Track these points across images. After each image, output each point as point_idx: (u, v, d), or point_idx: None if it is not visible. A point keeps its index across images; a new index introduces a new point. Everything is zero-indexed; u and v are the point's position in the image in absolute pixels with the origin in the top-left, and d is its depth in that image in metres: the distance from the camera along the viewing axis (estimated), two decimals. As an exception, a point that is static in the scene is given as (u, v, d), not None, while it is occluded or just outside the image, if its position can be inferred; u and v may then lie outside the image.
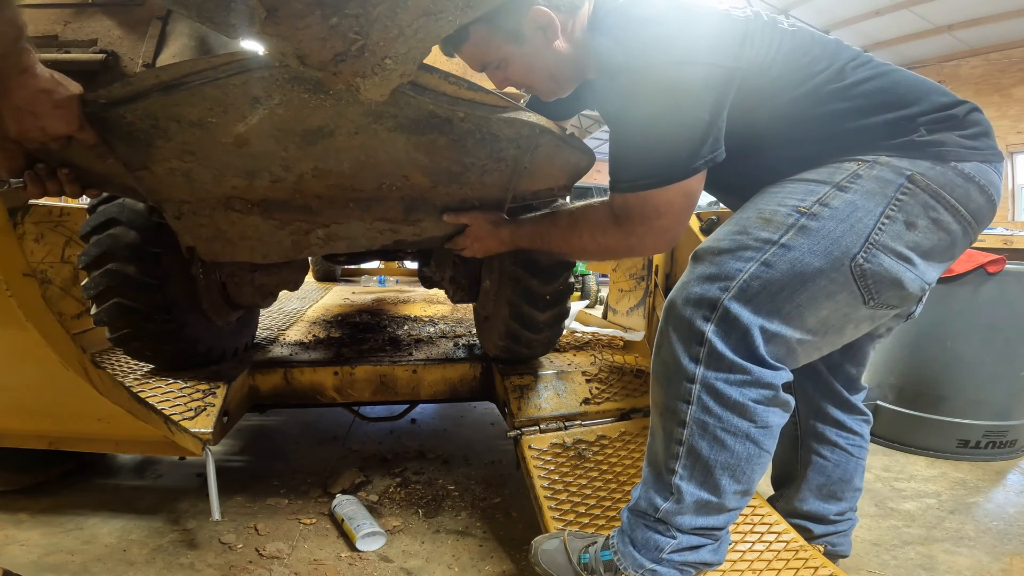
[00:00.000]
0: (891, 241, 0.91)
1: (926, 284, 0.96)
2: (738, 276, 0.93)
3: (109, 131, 0.92)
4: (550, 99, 1.17)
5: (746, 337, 0.92)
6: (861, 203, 0.92)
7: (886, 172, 0.93)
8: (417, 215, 1.25)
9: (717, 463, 0.94)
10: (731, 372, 0.92)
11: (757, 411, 0.93)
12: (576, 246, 1.18)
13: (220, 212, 1.17)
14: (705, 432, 0.94)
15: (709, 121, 0.94)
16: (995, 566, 1.46)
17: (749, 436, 0.94)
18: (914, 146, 0.94)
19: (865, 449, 1.31)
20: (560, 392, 1.67)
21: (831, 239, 0.91)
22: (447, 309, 2.95)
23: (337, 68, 0.77)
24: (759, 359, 0.93)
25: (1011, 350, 2.13)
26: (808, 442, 1.31)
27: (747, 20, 0.98)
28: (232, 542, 1.43)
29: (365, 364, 1.76)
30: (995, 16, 7.27)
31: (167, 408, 1.45)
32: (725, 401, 0.93)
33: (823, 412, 1.29)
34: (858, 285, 0.93)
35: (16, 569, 1.22)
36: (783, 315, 0.93)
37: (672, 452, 0.98)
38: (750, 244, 0.95)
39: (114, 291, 1.42)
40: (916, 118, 0.95)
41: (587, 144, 1.16)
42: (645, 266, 2.12)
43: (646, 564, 0.99)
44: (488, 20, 1.00)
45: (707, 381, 0.93)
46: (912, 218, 0.92)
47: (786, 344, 0.95)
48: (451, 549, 1.44)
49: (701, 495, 0.96)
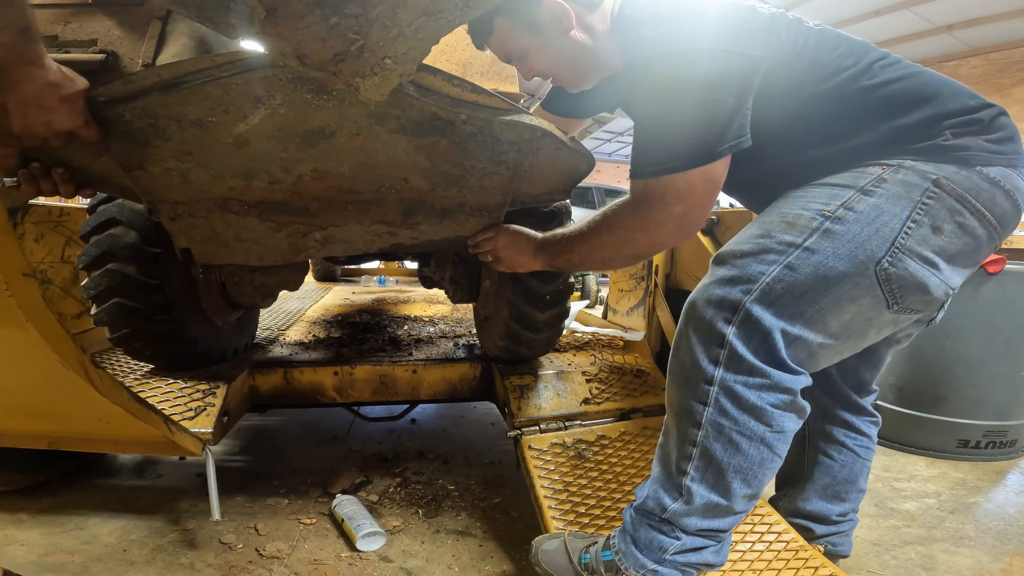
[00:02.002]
0: (917, 245, 0.91)
1: (950, 289, 0.95)
2: (760, 279, 0.92)
3: (107, 129, 0.92)
4: (575, 90, 1.18)
5: (767, 340, 0.92)
6: (887, 207, 0.91)
7: (912, 176, 0.92)
8: (416, 218, 1.24)
9: (730, 466, 0.94)
10: (750, 375, 0.92)
11: (774, 415, 0.93)
12: (599, 250, 1.13)
13: (216, 214, 1.16)
14: (720, 434, 0.94)
15: (735, 106, 0.92)
16: (995, 566, 1.46)
17: (764, 440, 0.94)
18: (939, 150, 0.93)
19: (872, 451, 1.31)
20: (560, 392, 1.67)
21: (856, 243, 0.91)
22: (447, 309, 2.95)
23: (337, 68, 0.77)
24: (780, 363, 0.93)
25: (1011, 350, 2.13)
26: (816, 442, 1.31)
27: (772, 15, 0.97)
28: (232, 542, 1.43)
29: (365, 364, 1.76)
30: (995, 16, 7.26)
31: (167, 408, 1.45)
32: (743, 404, 0.92)
33: (831, 413, 1.29)
34: (882, 289, 0.92)
35: (16, 569, 1.22)
36: (805, 319, 0.93)
37: (685, 453, 0.98)
38: (773, 247, 0.94)
39: (114, 291, 1.42)
40: (942, 121, 0.94)
41: (586, 146, 1.16)
42: (645, 266, 2.12)
43: (648, 564, 0.99)
44: (508, 12, 1.05)
45: (726, 383, 0.92)
46: (938, 222, 0.91)
47: (807, 348, 0.95)
48: (451, 549, 1.44)
49: (711, 497, 0.96)
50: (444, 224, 1.26)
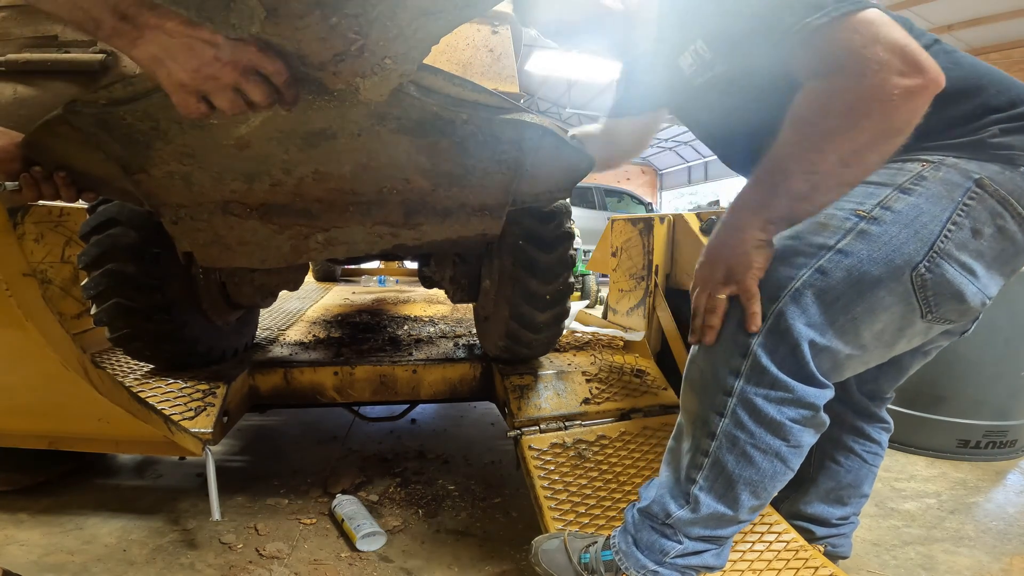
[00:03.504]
0: (956, 250, 0.84)
1: (987, 298, 0.89)
2: (790, 284, 0.86)
3: (108, 133, 0.92)
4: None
5: (795, 352, 0.86)
6: (926, 207, 0.84)
7: (953, 175, 0.86)
8: (417, 219, 1.24)
9: (741, 478, 0.91)
10: (772, 388, 0.86)
11: (792, 430, 0.88)
12: (816, 149, 0.80)
13: (218, 217, 1.15)
14: (734, 447, 0.90)
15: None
16: (995, 566, 1.46)
17: (779, 455, 0.90)
18: (983, 147, 0.86)
19: (880, 457, 1.27)
20: (560, 392, 1.67)
21: (893, 245, 0.84)
22: (447, 309, 2.95)
23: (337, 68, 0.77)
24: (807, 376, 0.87)
25: (1011, 350, 2.13)
26: (824, 446, 1.27)
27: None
28: (232, 542, 1.43)
29: (365, 364, 1.76)
30: (995, 16, 7.26)
31: (167, 408, 1.45)
32: (761, 418, 0.87)
33: (844, 419, 1.25)
34: (917, 297, 0.85)
35: (16, 569, 1.22)
36: (837, 328, 0.86)
37: (696, 462, 0.95)
38: (803, 250, 0.87)
39: (114, 291, 1.42)
40: (987, 115, 0.87)
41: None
42: (645, 266, 2.12)
43: (648, 565, 0.99)
44: None
45: (745, 396, 0.88)
46: (979, 225, 0.84)
47: (834, 359, 0.89)
48: (451, 549, 1.44)
49: (718, 508, 0.94)
50: (446, 224, 1.26)
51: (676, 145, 17.68)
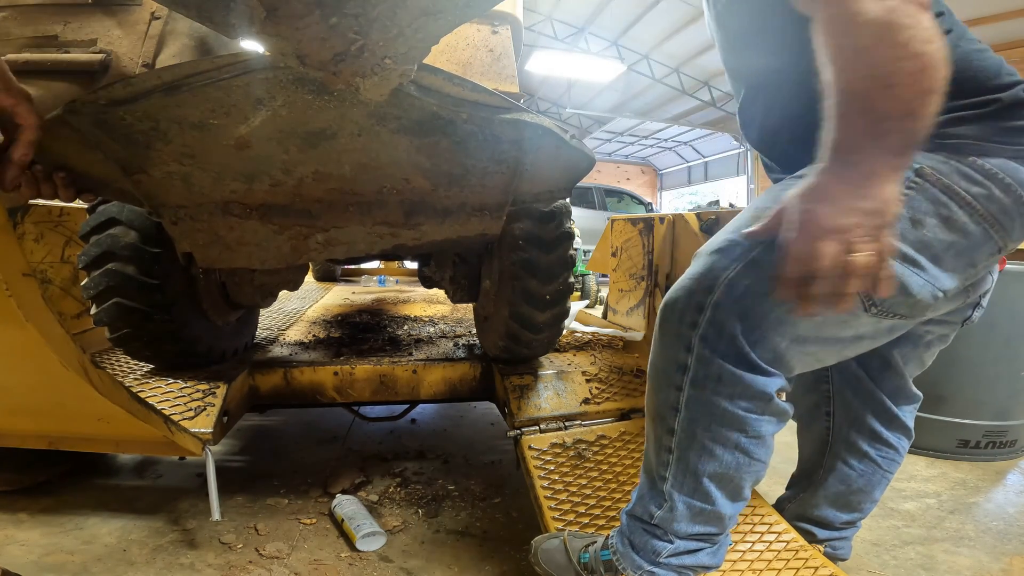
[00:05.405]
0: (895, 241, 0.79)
1: (938, 291, 0.85)
2: (723, 275, 0.86)
3: (107, 133, 0.91)
4: None
5: (734, 342, 0.85)
6: None
7: None
8: (417, 219, 1.24)
9: (705, 472, 0.91)
10: (719, 381, 0.86)
11: (748, 420, 0.88)
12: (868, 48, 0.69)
13: (218, 217, 1.15)
14: (693, 441, 0.90)
15: None
16: (995, 566, 1.46)
17: (739, 446, 0.89)
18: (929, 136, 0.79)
19: (897, 464, 1.24)
20: (560, 392, 1.67)
21: None
22: (447, 309, 2.95)
23: (337, 68, 0.77)
24: (750, 364, 0.86)
25: (1011, 350, 2.13)
26: (837, 449, 1.25)
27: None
28: (232, 542, 1.43)
29: (365, 364, 1.76)
30: (995, 16, 7.27)
31: (167, 408, 1.45)
32: (714, 411, 0.88)
33: (860, 421, 1.22)
34: None
35: (16, 569, 1.22)
36: (771, 320, 0.85)
37: (662, 460, 0.95)
38: (739, 241, 0.87)
39: (114, 291, 1.42)
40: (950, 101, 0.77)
41: (587, 144, 1.16)
42: (645, 266, 2.12)
43: (644, 566, 0.99)
44: None
45: (695, 390, 0.88)
46: (918, 215, 0.81)
47: (774, 350, 0.87)
48: (451, 549, 1.44)
49: (693, 503, 0.94)
50: (446, 224, 1.26)
51: (676, 145, 17.68)
